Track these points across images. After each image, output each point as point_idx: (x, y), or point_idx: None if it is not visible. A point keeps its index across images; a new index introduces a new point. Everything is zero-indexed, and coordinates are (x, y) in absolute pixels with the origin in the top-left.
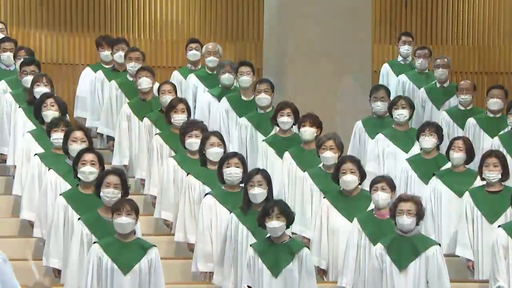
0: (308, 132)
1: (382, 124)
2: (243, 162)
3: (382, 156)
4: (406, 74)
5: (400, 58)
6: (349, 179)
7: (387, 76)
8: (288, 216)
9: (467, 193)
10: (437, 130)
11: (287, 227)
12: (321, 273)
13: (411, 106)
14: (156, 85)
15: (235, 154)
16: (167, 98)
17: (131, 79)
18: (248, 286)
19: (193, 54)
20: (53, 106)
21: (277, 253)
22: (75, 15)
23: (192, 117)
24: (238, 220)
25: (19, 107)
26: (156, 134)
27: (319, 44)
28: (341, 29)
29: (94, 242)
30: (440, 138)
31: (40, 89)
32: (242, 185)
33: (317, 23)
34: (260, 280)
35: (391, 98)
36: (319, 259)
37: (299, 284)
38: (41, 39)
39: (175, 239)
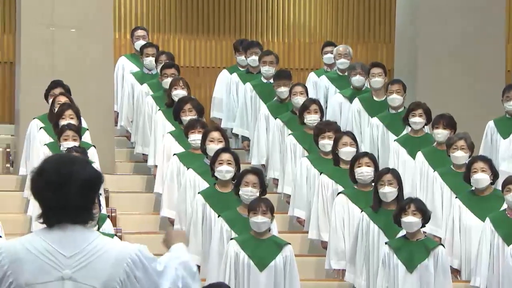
0: (441, 134)
1: None
2: (374, 161)
3: None
4: None
5: None
6: (480, 177)
7: None
8: (424, 214)
9: None
10: None
11: (423, 225)
12: (454, 272)
13: None
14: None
15: (365, 154)
16: (298, 99)
17: (265, 81)
18: None
19: (328, 57)
20: (191, 111)
21: (412, 249)
22: (212, 20)
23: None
24: (369, 218)
25: (159, 109)
26: (289, 134)
27: (450, 44)
28: (473, 29)
29: (231, 239)
30: None
31: (178, 92)
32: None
33: (449, 23)
34: (395, 276)
35: None
36: (452, 258)
37: (435, 281)
38: (180, 44)
39: (308, 236)
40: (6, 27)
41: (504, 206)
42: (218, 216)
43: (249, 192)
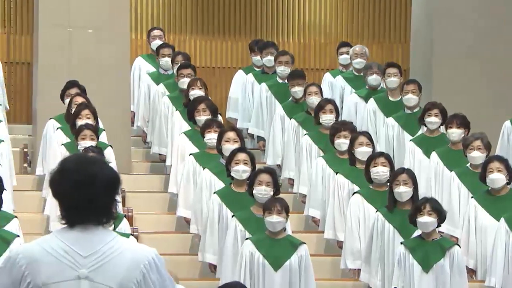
0: (455, 133)
1: None
2: (389, 161)
3: None
4: None
5: None
6: (496, 177)
7: None
8: (440, 214)
9: None
10: None
11: (439, 225)
12: (470, 272)
13: None
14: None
15: (381, 154)
16: (313, 99)
17: (280, 81)
18: None
19: (344, 58)
20: (205, 111)
21: (428, 249)
22: (227, 21)
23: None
24: (384, 218)
25: (176, 110)
26: (305, 134)
27: (466, 44)
28: (489, 28)
29: (247, 239)
30: None
31: (195, 92)
32: None
33: (465, 23)
34: (411, 276)
35: None
36: (467, 258)
37: (451, 281)
38: (196, 45)
39: (324, 236)
40: (23, 28)
41: None
42: (232, 216)
43: (263, 191)
